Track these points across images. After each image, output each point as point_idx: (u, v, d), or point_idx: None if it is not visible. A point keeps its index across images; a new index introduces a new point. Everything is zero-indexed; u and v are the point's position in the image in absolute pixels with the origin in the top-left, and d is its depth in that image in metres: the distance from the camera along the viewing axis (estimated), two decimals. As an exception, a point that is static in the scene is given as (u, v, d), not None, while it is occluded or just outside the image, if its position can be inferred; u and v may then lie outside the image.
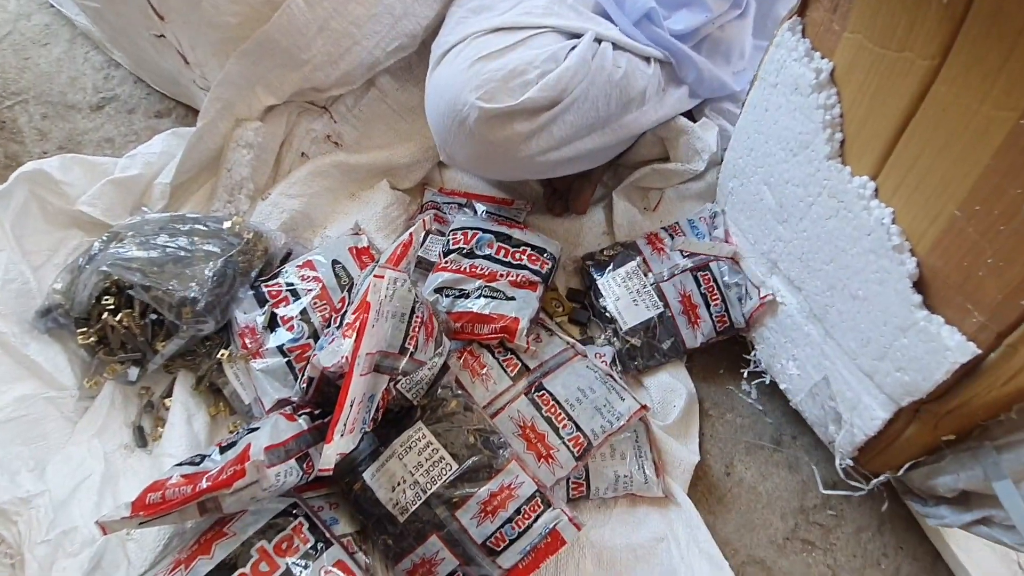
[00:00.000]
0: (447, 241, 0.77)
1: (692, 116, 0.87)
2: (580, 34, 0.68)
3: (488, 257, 0.74)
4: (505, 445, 0.60)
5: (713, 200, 0.87)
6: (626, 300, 0.75)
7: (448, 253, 0.75)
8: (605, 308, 0.76)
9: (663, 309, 0.74)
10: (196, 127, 0.77)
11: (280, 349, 0.67)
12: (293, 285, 0.70)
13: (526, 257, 0.75)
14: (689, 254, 0.77)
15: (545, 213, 0.88)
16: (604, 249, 0.81)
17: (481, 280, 0.71)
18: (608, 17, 0.74)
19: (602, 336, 0.78)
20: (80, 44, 1.00)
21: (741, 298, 0.74)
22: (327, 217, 0.83)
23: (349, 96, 0.83)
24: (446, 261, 0.74)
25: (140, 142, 0.84)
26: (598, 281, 0.77)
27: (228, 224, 0.72)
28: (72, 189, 0.74)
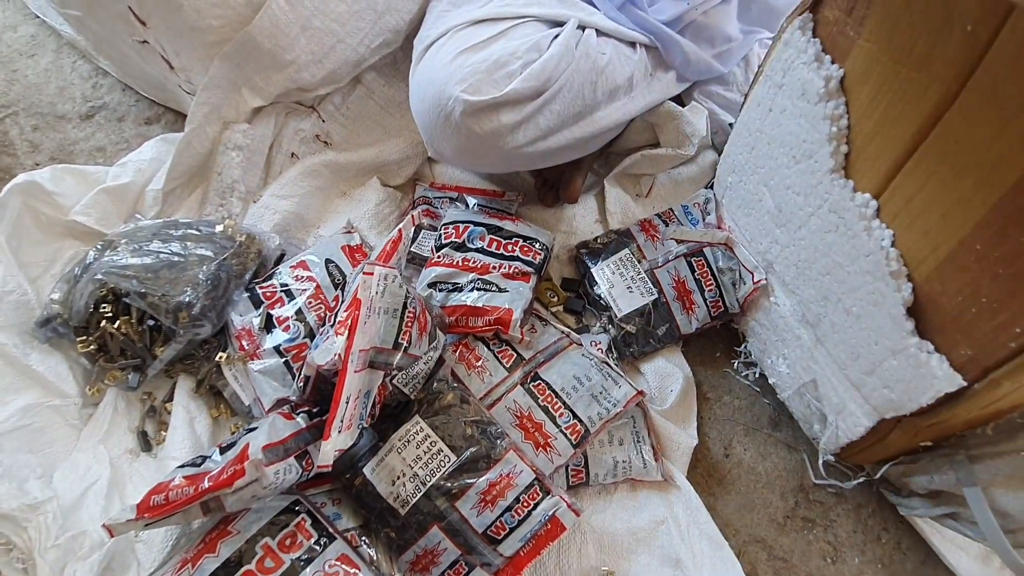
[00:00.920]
0: (439, 236, 0.77)
1: (681, 100, 0.87)
2: (563, 22, 0.68)
3: (480, 250, 0.74)
4: (502, 435, 0.60)
5: (706, 184, 0.87)
6: (620, 287, 0.76)
7: (440, 248, 0.76)
8: (600, 296, 0.76)
9: (657, 295, 0.75)
10: (184, 132, 0.77)
11: (277, 349, 0.67)
12: (287, 286, 0.71)
13: (518, 248, 0.75)
14: (682, 240, 0.77)
15: (537, 204, 0.88)
16: (598, 237, 0.81)
17: (474, 273, 0.72)
18: (591, 3, 0.73)
19: (597, 324, 0.78)
20: (67, 54, 1.00)
21: (735, 283, 0.74)
22: (319, 216, 0.83)
23: (336, 95, 0.83)
24: (438, 256, 0.75)
25: (131, 149, 0.84)
26: (592, 269, 0.77)
27: (221, 228, 0.72)
28: (65, 199, 0.75)
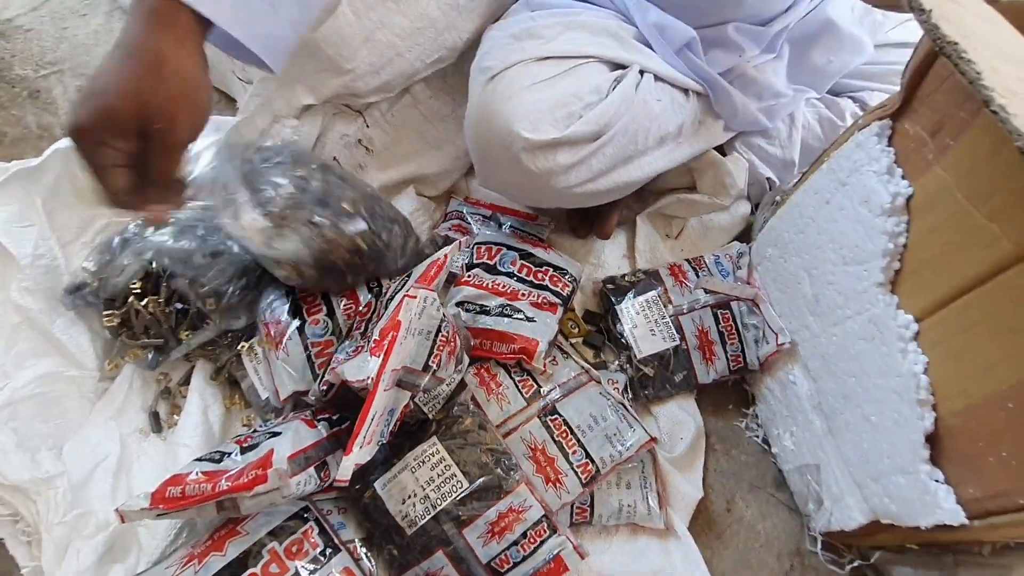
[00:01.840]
0: (471, 254, 0.78)
1: (722, 149, 0.88)
2: (624, 64, 0.69)
3: (511, 275, 0.75)
4: (516, 467, 0.61)
5: (736, 236, 0.87)
6: (643, 328, 0.76)
7: (471, 267, 0.76)
8: (622, 334, 0.77)
9: (679, 342, 0.75)
10: (235, 121, 0.77)
11: (303, 343, 0.67)
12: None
13: (547, 278, 0.75)
14: (711, 291, 0.77)
15: (567, 232, 0.88)
16: (626, 275, 0.82)
17: (503, 298, 0.72)
18: (649, 45, 0.74)
19: (616, 362, 0.79)
20: (118, 17, 1.00)
21: (758, 340, 0.75)
22: (354, 219, 0.84)
23: (384, 101, 0.83)
24: (469, 275, 0.75)
25: (174, 125, 0.84)
26: (617, 306, 0.78)
27: (259, 220, 0.72)
28: (106, 170, 0.75)
